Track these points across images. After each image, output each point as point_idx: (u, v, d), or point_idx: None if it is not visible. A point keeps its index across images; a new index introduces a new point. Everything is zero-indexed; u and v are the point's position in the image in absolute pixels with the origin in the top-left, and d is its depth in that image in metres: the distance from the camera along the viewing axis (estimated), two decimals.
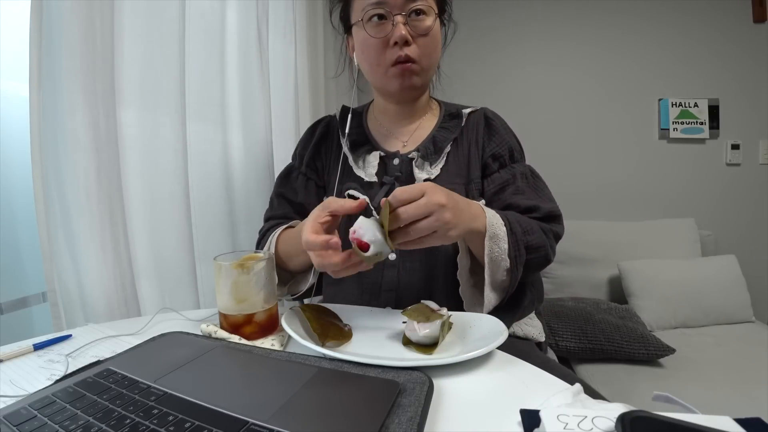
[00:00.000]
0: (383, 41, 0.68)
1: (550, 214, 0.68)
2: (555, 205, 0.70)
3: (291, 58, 1.29)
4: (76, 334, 0.58)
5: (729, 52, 1.98)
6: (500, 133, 0.74)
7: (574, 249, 1.84)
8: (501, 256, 0.58)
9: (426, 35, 0.68)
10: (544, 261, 0.64)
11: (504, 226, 0.59)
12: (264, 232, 0.78)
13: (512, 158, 0.74)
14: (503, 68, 2.14)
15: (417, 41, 0.68)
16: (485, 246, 0.57)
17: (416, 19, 0.67)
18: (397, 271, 0.69)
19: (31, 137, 0.66)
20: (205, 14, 1.00)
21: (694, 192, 2.04)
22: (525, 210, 0.67)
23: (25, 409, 0.36)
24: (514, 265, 0.59)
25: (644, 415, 0.28)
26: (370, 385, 0.37)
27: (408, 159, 0.73)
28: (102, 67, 0.75)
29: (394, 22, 0.66)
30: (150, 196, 0.88)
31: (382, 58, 0.69)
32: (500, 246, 0.58)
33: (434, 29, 0.69)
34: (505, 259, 0.58)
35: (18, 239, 0.85)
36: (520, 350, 0.53)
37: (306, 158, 0.80)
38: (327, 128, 0.82)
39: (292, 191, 0.80)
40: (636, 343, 1.33)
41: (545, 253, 0.63)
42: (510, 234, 0.59)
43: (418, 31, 0.67)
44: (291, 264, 0.69)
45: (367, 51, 0.70)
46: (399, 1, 0.66)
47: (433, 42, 0.69)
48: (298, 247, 0.64)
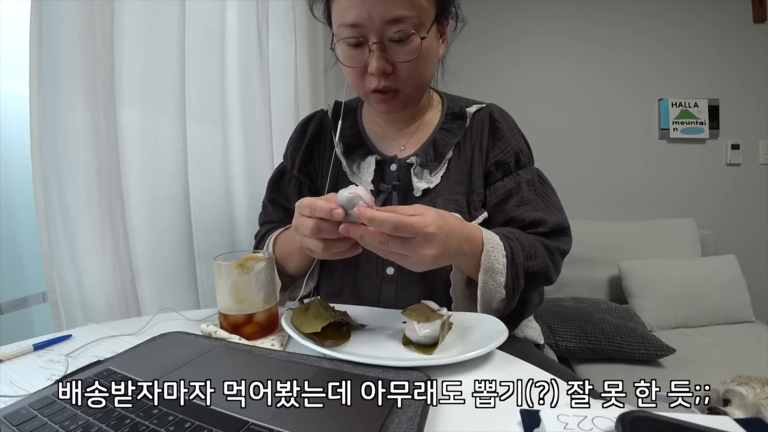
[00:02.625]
0: (361, 69, 0.60)
1: (557, 227, 0.64)
2: (563, 216, 0.66)
3: (291, 58, 1.29)
4: (76, 334, 0.58)
5: (729, 52, 1.98)
6: (506, 137, 0.68)
7: (574, 249, 1.80)
8: (496, 289, 0.55)
9: (408, 62, 0.59)
10: (544, 283, 0.62)
11: (504, 258, 0.55)
12: (261, 236, 0.75)
13: (518, 164, 0.68)
14: (502, 68, 2.14)
15: (399, 67, 0.60)
16: (479, 280, 0.54)
17: (397, 45, 0.58)
18: (395, 286, 0.66)
19: (31, 137, 0.66)
20: (205, 14, 1.00)
21: (694, 192, 2.04)
22: (530, 224, 0.63)
23: (25, 409, 0.36)
24: (510, 296, 0.56)
25: (644, 415, 0.28)
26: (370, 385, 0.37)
27: (406, 165, 0.68)
28: (102, 67, 0.75)
29: (371, 48, 0.58)
30: (150, 196, 0.88)
31: (360, 83, 0.62)
32: (496, 279, 0.55)
33: (422, 50, 0.59)
34: (501, 292, 0.56)
35: (18, 239, 0.85)
36: (520, 350, 0.53)
37: (298, 162, 0.74)
38: (320, 126, 0.75)
39: (285, 197, 0.76)
40: (636, 343, 1.33)
41: (546, 277, 0.61)
42: (510, 266, 0.55)
43: (401, 57, 0.59)
44: (289, 265, 0.67)
45: (346, 73, 0.64)
46: (377, 25, 0.56)
47: (420, 62, 0.60)
48: (295, 246, 0.62)
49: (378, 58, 0.58)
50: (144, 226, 0.87)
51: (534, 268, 0.58)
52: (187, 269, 0.97)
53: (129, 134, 0.83)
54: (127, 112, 0.83)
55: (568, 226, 0.66)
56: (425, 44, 0.59)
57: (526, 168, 0.69)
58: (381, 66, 0.58)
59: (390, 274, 0.66)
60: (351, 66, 0.61)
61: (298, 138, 0.77)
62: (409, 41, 0.58)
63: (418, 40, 0.58)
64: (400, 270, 0.65)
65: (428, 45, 0.61)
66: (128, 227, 0.82)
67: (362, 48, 0.59)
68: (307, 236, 0.49)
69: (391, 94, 0.62)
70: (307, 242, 0.50)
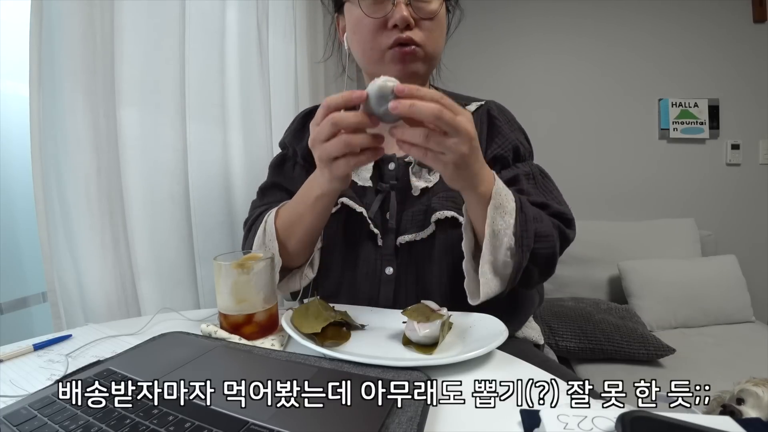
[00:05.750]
0: (381, 22, 0.60)
1: (561, 214, 0.62)
2: (567, 209, 0.64)
3: (291, 58, 1.29)
4: (76, 334, 0.58)
5: (729, 52, 1.98)
6: (503, 132, 0.68)
7: (574, 249, 1.81)
8: (505, 231, 0.52)
9: (431, 19, 0.61)
10: (551, 255, 0.58)
11: (514, 202, 0.54)
12: (255, 217, 0.69)
13: (517, 157, 0.67)
14: (500, 66, 2.14)
15: (420, 25, 0.60)
16: (487, 216, 0.52)
17: (421, 2, 0.60)
18: (393, 287, 0.65)
19: (31, 137, 0.66)
20: (205, 14, 1.00)
21: (694, 192, 2.04)
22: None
23: (25, 409, 0.36)
24: (519, 247, 0.53)
25: (644, 415, 0.28)
26: (370, 385, 0.37)
27: (404, 164, 0.67)
28: (102, 67, 0.75)
29: (395, 1, 0.59)
30: (150, 196, 0.88)
31: (378, 40, 0.62)
32: (505, 220, 0.52)
33: (441, 14, 0.62)
34: (509, 236, 0.52)
35: (18, 239, 0.85)
36: (519, 350, 0.53)
37: (301, 150, 0.73)
38: None
39: (290, 181, 0.73)
40: (636, 343, 1.33)
41: (553, 244, 0.57)
42: (519, 212, 0.53)
43: (423, 14, 0.60)
44: (294, 238, 0.62)
45: (360, 32, 0.63)
46: None
47: (438, 27, 0.62)
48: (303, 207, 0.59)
49: (404, 7, 0.59)
50: (144, 226, 0.87)
51: (541, 229, 0.56)
52: (187, 269, 0.97)
53: (129, 134, 0.83)
54: (127, 112, 0.83)
55: (572, 219, 0.63)
56: (442, 11, 0.62)
57: (525, 162, 0.68)
58: (406, 15, 0.59)
59: (389, 274, 0.65)
60: (372, 16, 0.60)
61: (298, 128, 0.76)
62: (432, 0, 0.61)
63: (440, 1, 0.61)
64: (398, 272, 0.65)
65: (443, 15, 0.63)
66: (128, 227, 0.82)
67: (384, 3, 0.60)
68: (327, 138, 0.47)
69: (410, 48, 0.61)
70: (327, 149, 0.48)
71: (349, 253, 0.67)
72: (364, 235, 0.66)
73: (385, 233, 0.65)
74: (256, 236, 0.64)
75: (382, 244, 0.65)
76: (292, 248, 0.63)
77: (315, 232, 0.63)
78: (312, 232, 0.63)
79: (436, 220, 0.62)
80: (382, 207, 0.66)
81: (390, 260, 0.65)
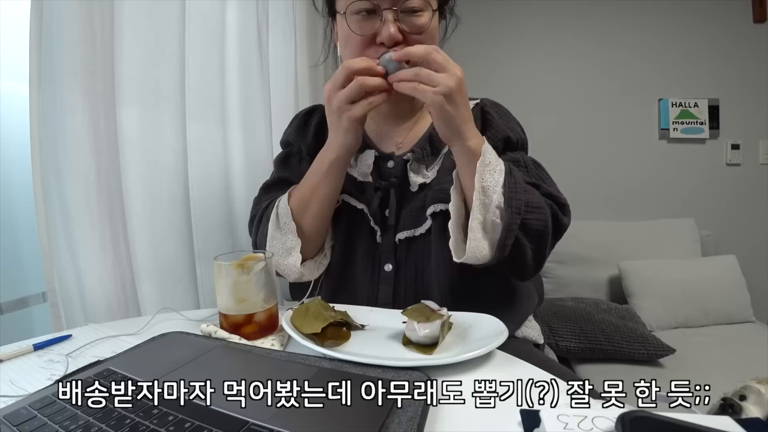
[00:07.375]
0: (369, 38, 0.60)
1: (554, 196, 0.60)
2: (561, 195, 0.62)
3: (291, 58, 1.29)
4: (76, 334, 0.58)
5: (729, 52, 1.98)
6: (495, 124, 0.68)
7: (574, 249, 1.84)
8: (494, 188, 0.52)
9: (420, 33, 0.60)
10: (543, 230, 0.56)
11: (503, 164, 0.54)
12: (264, 208, 0.68)
13: (508, 147, 0.67)
14: (499, 66, 2.14)
15: (409, 39, 0.60)
16: (476, 171, 0.51)
17: (410, 16, 0.59)
18: (392, 284, 0.66)
19: (31, 137, 0.66)
20: (205, 14, 1.00)
21: (694, 192, 2.05)
22: None
23: (25, 409, 0.36)
24: (508, 207, 0.52)
25: (644, 415, 0.28)
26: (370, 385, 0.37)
27: (403, 161, 0.67)
28: (102, 67, 0.75)
29: (382, 18, 0.58)
30: (150, 196, 0.88)
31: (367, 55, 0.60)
32: (494, 177, 0.52)
33: (432, 25, 0.61)
34: (498, 193, 0.52)
35: (18, 239, 0.85)
36: (519, 350, 0.53)
37: (306, 146, 0.73)
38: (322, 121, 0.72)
39: (297, 175, 0.70)
40: (636, 343, 1.33)
41: (545, 217, 0.56)
42: (508, 174, 0.53)
43: (412, 28, 0.59)
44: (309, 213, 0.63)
45: (349, 46, 0.63)
46: None
47: (429, 39, 0.61)
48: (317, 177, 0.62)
49: (391, 24, 0.59)
50: (144, 226, 0.87)
51: (532, 200, 0.55)
52: (187, 269, 0.97)
53: (129, 134, 0.83)
54: (127, 112, 0.83)
55: (566, 204, 0.62)
56: (433, 23, 0.62)
57: (517, 152, 0.68)
58: (393, 32, 0.58)
59: (388, 271, 0.66)
60: (360, 33, 0.61)
61: (301, 125, 0.76)
62: (421, 14, 0.60)
63: (430, 14, 0.61)
64: (397, 267, 0.66)
65: (434, 26, 0.63)
66: (128, 227, 0.82)
67: (373, 18, 0.60)
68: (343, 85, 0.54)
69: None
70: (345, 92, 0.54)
71: (349, 250, 0.68)
72: (364, 232, 0.67)
73: (384, 230, 0.66)
74: (270, 222, 0.64)
75: (381, 241, 0.66)
76: (307, 228, 0.64)
77: (330, 204, 0.64)
78: (327, 204, 0.64)
79: (432, 213, 0.62)
80: (381, 204, 0.67)
81: (389, 257, 0.66)
